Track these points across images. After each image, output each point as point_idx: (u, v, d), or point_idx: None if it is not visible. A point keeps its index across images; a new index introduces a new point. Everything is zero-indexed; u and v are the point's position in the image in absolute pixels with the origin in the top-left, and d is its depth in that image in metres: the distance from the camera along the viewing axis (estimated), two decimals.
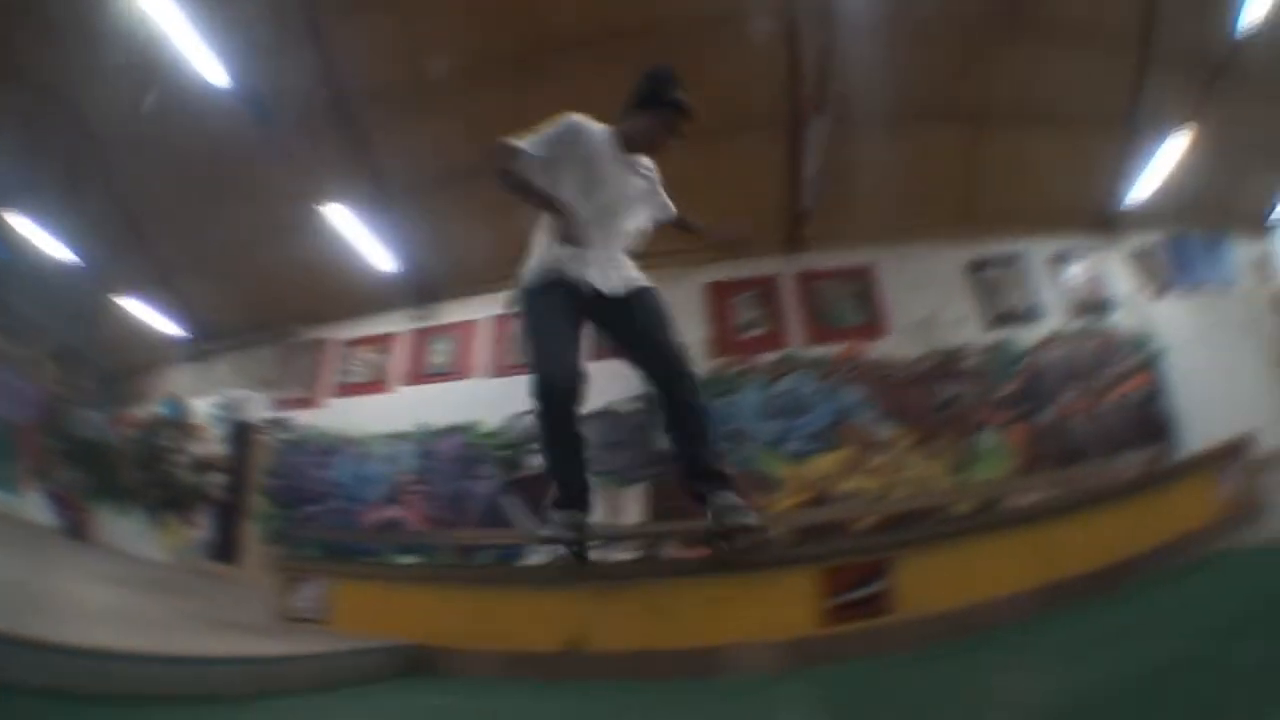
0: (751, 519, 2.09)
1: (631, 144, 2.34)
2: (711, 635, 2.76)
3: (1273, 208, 12.07)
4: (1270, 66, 8.10)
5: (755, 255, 7.67)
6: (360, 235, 6.90)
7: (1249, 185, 11.78)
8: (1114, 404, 8.95)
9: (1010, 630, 2.29)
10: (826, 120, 6.47)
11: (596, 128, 2.31)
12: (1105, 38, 7.33)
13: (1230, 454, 3.65)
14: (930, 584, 2.38)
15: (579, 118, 2.29)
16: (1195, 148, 8.36)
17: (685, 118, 2.31)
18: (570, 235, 2.03)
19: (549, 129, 2.24)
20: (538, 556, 2.85)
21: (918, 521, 6.80)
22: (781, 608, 2.51)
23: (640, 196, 2.39)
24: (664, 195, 2.54)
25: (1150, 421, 8.96)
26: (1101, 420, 8.72)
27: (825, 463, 7.10)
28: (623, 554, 6.05)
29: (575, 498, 2.23)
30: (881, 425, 7.36)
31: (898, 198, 7.91)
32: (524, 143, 2.19)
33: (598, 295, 2.16)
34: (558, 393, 2.04)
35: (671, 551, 6.35)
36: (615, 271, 2.23)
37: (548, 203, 2.12)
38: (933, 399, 7.70)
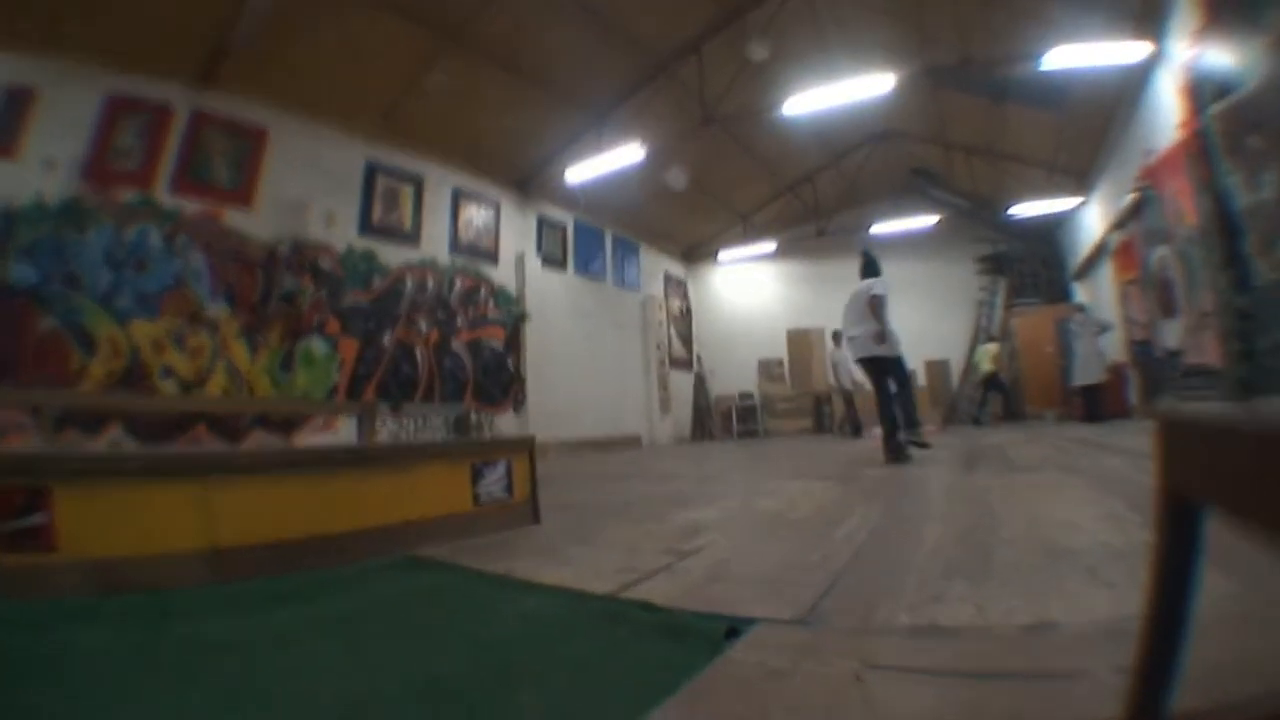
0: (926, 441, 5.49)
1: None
2: None
3: (707, 244, 15.05)
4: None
5: (163, 76, 6.54)
6: None
7: (695, 222, 14.50)
8: (461, 347, 9.34)
9: (180, 595, 1.97)
10: None
11: None
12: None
13: (521, 447, 3.07)
14: (98, 526, 1.96)
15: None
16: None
17: None
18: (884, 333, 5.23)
19: (887, 279, 5.46)
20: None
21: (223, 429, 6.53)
22: None
23: None
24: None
25: (493, 376, 9.58)
26: (442, 359, 8.99)
27: (146, 329, 6.32)
28: None
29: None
30: (213, 302, 6.79)
31: (330, 77, 7.47)
32: (886, 292, 5.27)
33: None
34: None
35: None
36: None
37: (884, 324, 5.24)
38: (275, 288, 7.29)
